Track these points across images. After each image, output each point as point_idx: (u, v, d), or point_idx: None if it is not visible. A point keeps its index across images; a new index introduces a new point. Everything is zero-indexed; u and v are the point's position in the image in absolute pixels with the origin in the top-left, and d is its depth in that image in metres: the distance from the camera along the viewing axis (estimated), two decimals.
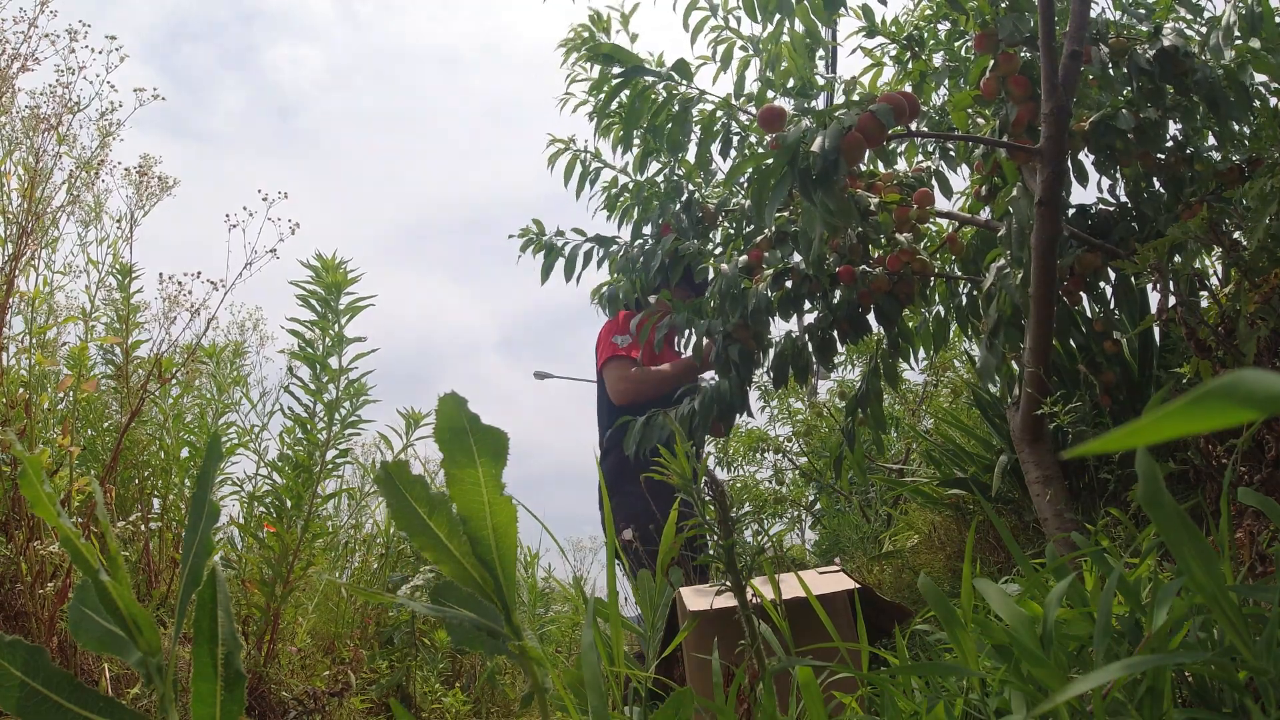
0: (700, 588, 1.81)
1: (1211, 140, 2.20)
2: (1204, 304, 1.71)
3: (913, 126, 2.19)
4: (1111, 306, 2.26)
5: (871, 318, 2.46)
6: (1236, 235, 1.64)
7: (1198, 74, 2.00)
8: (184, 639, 1.78)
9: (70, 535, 0.71)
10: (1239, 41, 2.06)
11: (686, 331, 2.58)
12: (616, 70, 2.55)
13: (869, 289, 2.39)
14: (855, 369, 4.57)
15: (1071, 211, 2.26)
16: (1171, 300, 1.74)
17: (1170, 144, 2.14)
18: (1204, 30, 2.15)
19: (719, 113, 2.62)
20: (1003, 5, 2.16)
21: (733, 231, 2.76)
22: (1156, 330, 2.19)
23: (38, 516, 1.70)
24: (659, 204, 2.77)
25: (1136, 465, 0.69)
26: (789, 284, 2.44)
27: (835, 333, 2.46)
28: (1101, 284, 2.22)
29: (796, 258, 2.50)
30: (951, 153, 2.54)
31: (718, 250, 2.77)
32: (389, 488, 0.79)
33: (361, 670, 2.84)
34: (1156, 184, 2.19)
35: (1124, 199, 2.26)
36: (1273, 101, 2.15)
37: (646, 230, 2.83)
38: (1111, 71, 2.14)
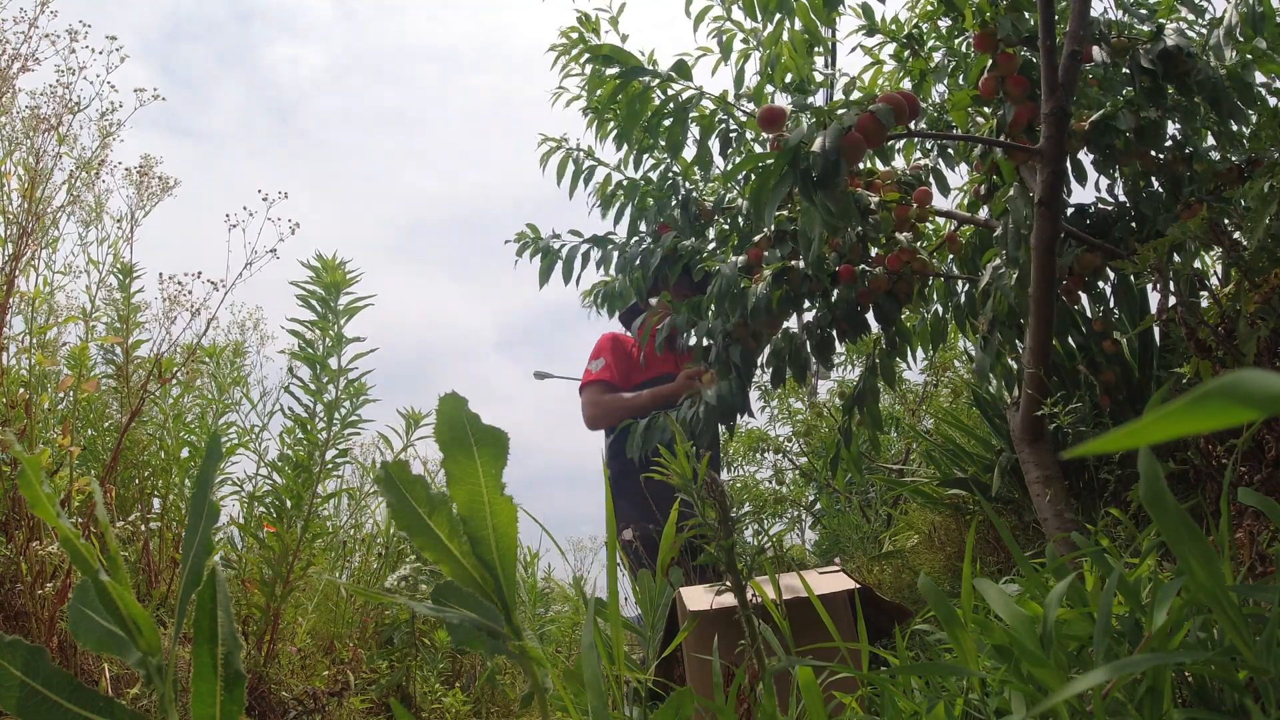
0: (700, 588, 1.81)
1: (1211, 140, 2.20)
2: (1204, 304, 1.71)
3: (912, 125, 2.19)
4: (1111, 306, 2.26)
5: (870, 317, 2.46)
6: (1236, 235, 1.64)
7: (1200, 74, 2.00)
8: (184, 639, 1.78)
9: (70, 535, 0.71)
10: (1241, 41, 2.06)
11: (687, 331, 2.58)
12: (613, 70, 2.55)
13: (869, 288, 2.39)
14: (855, 369, 4.58)
15: (1070, 211, 2.26)
16: (1171, 300, 1.74)
17: (1169, 144, 2.14)
18: (1205, 31, 2.15)
19: (717, 110, 2.62)
20: (1002, 4, 2.16)
21: (727, 228, 2.76)
22: (1156, 330, 2.19)
23: (37, 516, 1.70)
24: (655, 202, 2.77)
25: (1139, 465, 0.69)
26: (788, 283, 2.44)
27: (834, 332, 2.47)
28: (1101, 284, 2.23)
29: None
30: (950, 151, 2.55)
31: (711, 245, 2.77)
32: (389, 487, 0.79)
33: (361, 670, 2.84)
34: (1155, 184, 2.19)
35: (1123, 199, 2.26)
36: (1273, 101, 2.15)
37: (642, 228, 2.83)
38: (1111, 72, 2.14)
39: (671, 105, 2.54)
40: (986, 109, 2.36)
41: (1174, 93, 2.09)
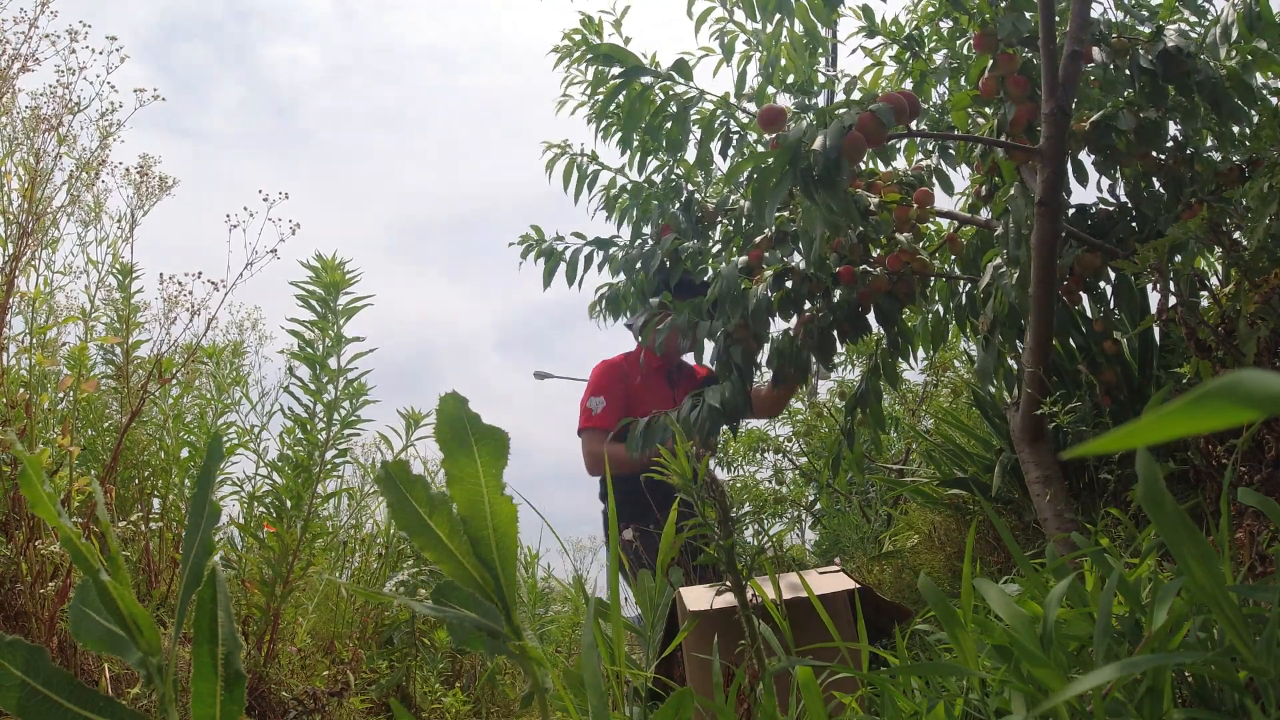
0: (700, 588, 1.81)
1: (1211, 141, 2.20)
2: (1204, 304, 1.71)
3: (913, 125, 2.19)
4: (1111, 306, 2.26)
5: (871, 317, 2.46)
6: (1236, 235, 1.64)
7: (1200, 74, 2.00)
8: (184, 639, 1.78)
9: (70, 535, 0.71)
10: (1240, 42, 2.06)
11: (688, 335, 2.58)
12: (615, 71, 2.55)
13: (869, 288, 2.39)
14: (856, 369, 4.58)
15: (1071, 211, 2.26)
16: (1171, 300, 1.74)
17: (1170, 144, 2.14)
18: (1204, 31, 2.15)
19: (719, 111, 2.62)
20: (1002, 4, 2.16)
21: (731, 229, 2.76)
22: (1156, 330, 2.19)
23: (38, 516, 1.70)
24: (658, 204, 2.77)
25: (1137, 466, 0.69)
26: (789, 284, 2.44)
27: (835, 332, 2.46)
28: (1101, 284, 2.22)
29: (797, 257, 2.50)
30: (951, 151, 2.55)
31: (716, 249, 2.77)
32: (389, 487, 0.79)
33: (361, 670, 2.84)
34: (1156, 184, 2.19)
35: (1124, 199, 2.26)
36: (1274, 101, 2.15)
37: (646, 230, 2.83)
38: (1112, 73, 2.14)
39: (673, 106, 2.54)
40: (987, 109, 2.36)
41: (1175, 93, 2.09)
